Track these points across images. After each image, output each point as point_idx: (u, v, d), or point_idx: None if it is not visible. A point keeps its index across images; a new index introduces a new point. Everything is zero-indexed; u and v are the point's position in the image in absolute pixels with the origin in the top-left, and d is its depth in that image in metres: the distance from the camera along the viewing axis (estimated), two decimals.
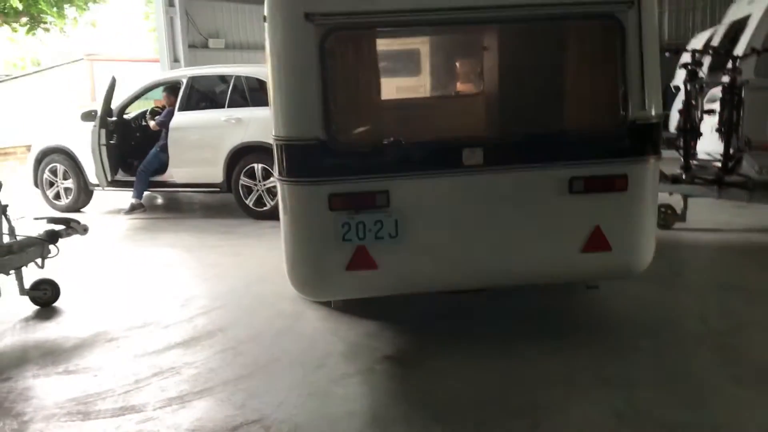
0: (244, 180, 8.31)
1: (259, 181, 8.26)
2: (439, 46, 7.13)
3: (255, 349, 4.33)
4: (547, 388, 3.65)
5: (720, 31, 9.97)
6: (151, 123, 9.12)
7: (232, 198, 8.64)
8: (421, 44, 7.21)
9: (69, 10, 21.74)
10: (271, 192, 8.20)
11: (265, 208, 8.30)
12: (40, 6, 19.42)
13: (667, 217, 6.95)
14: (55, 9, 20.41)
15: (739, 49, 7.98)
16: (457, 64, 7.01)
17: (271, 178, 8.06)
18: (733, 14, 9.81)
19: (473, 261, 4.07)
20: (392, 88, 7.08)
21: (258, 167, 8.21)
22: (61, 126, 10.31)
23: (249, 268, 6.22)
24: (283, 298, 5.20)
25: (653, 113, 3.99)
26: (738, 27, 8.97)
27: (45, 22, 21.32)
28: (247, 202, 8.38)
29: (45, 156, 9.47)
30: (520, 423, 3.32)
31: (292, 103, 3.84)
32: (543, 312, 4.80)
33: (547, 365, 3.93)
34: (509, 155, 3.98)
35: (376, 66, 4.16)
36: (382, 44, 6.42)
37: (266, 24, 3.89)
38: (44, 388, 3.90)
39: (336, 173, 3.87)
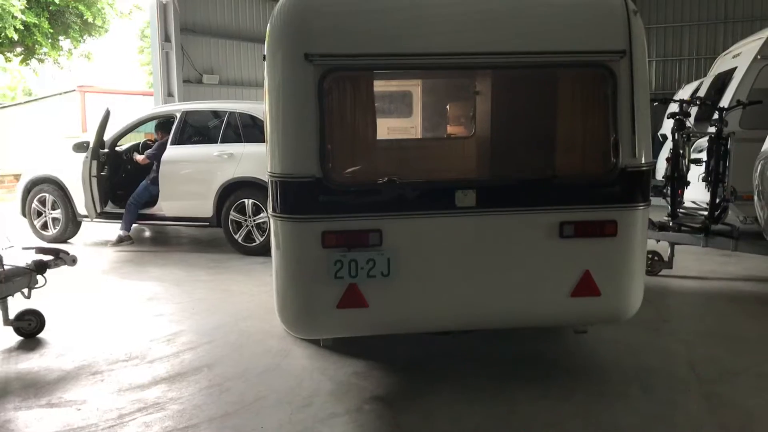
0: (234, 215, 8.32)
1: (249, 217, 8.27)
2: (433, 90, 7.25)
3: (242, 386, 4.29)
4: None
5: (706, 82, 10.19)
6: (139, 157, 9.14)
7: (221, 233, 8.63)
8: (416, 87, 7.33)
9: (64, 42, 21.91)
10: (261, 227, 8.21)
11: (254, 244, 8.30)
12: (35, 37, 19.55)
13: (654, 263, 7.01)
14: (50, 40, 20.55)
15: (725, 101, 8.16)
16: (451, 108, 7.12)
17: (262, 214, 8.07)
18: (719, 67, 10.05)
19: (463, 302, 4.07)
20: (388, 128, 7.17)
21: (248, 202, 8.23)
22: (51, 156, 10.31)
23: (237, 303, 6.19)
24: (271, 335, 5.17)
25: (643, 160, 4.05)
26: (724, 79, 9.18)
27: (39, 53, 21.45)
28: (236, 237, 8.37)
29: (34, 185, 9.45)
30: None
31: (289, 140, 3.88)
32: (532, 355, 4.80)
33: (536, 410, 3.92)
34: (501, 198, 4.03)
35: (372, 107, 4.22)
36: (379, 86, 6.54)
37: (266, 63, 3.95)
38: (25, 421, 3.83)
39: (330, 211, 3.89)
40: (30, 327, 5.22)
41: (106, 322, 5.71)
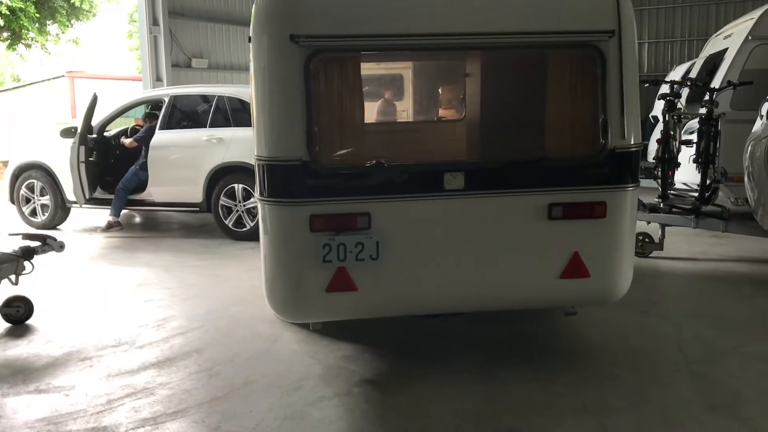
0: (224, 200, 8.28)
1: (239, 202, 8.23)
2: (422, 72, 7.21)
3: (231, 371, 4.28)
4: (524, 414, 3.64)
5: (698, 64, 10.17)
6: (126, 140, 9.06)
7: (211, 218, 8.60)
8: (405, 69, 7.29)
9: (51, 27, 21.67)
10: (251, 213, 8.17)
11: (244, 229, 8.27)
12: (21, 22, 19.33)
13: (645, 245, 7.02)
14: (37, 25, 20.33)
15: (716, 82, 8.14)
16: (440, 90, 7.08)
17: (252, 199, 8.03)
18: (710, 48, 10.02)
19: (453, 285, 4.07)
20: (376, 111, 7.14)
21: (238, 187, 8.19)
22: (40, 142, 10.22)
23: (227, 289, 6.17)
24: (260, 319, 5.16)
25: (632, 141, 4.04)
26: (715, 60, 9.15)
27: (26, 38, 21.22)
28: (226, 222, 8.34)
29: (22, 172, 9.37)
30: None
31: (276, 123, 3.84)
32: (521, 338, 4.81)
33: (525, 391, 3.93)
34: (490, 180, 4.01)
35: (360, 89, 4.18)
36: (367, 68, 6.49)
37: (251, 44, 3.91)
38: (14, 407, 3.82)
39: (318, 194, 3.86)
40: (18, 313, 5.19)
41: (95, 308, 5.69)
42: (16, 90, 27.84)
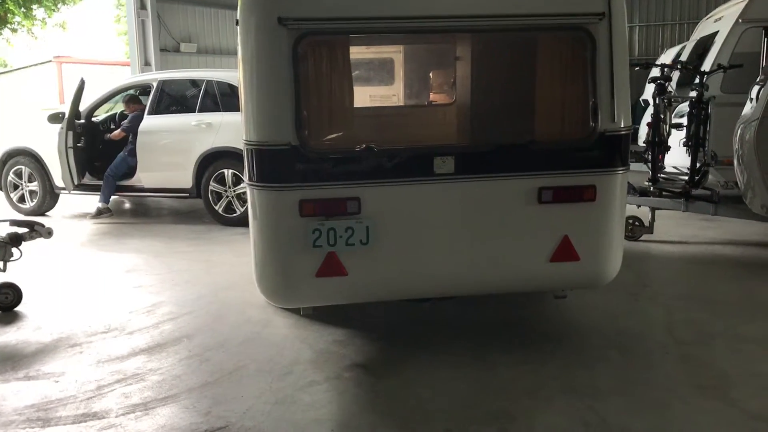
0: (213, 185, 8.24)
1: (229, 187, 8.19)
2: (412, 56, 7.17)
3: (221, 356, 4.27)
4: (514, 397, 3.66)
5: (688, 47, 10.16)
6: (113, 134, 8.97)
7: (201, 203, 8.56)
8: (395, 53, 7.24)
9: (38, 11, 21.44)
10: (241, 198, 8.13)
11: (234, 215, 8.23)
12: (7, 5, 19.10)
13: (635, 228, 7.04)
14: (23, 10, 20.10)
15: (707, 66, 8.14)
16: (431, 74, 7.05)
17: (242, 184, 7.99)
18: (701, 31, 10.01)
19: (443, 269, 4.06)
20: (365, 95, 7.10)
21: (228, 173, 8.15)
22: (27, 128, 10.13)
23: (217, 274, 6.15)
24: (251, 305, 5.15)
25: (622, 125, 4.03)
26: (706, 43, 9.15)
27: (12, 23, 20.98)
28: (216, 208, 8.30)
29: (10, 158, 9.29)
30: (487, 430, 3.31)
31: (264, 107, 3.81)
32: (511, 321, 4.82)
33: (515, 374, 3.94)
34: (480, 164, 4.00)
35: (349, 72, 4.14)
36: (357, 51, 6.44)
37: (239, 28, 3.87)
38: (3, 394, 3.80)
39: (307, 179, 3.84)
40: (7, 300, 5.16)
41: (84, 294, 5.66)
42: (3, 75, 27.55)
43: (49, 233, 5.40)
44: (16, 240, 5.16)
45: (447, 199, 3.97)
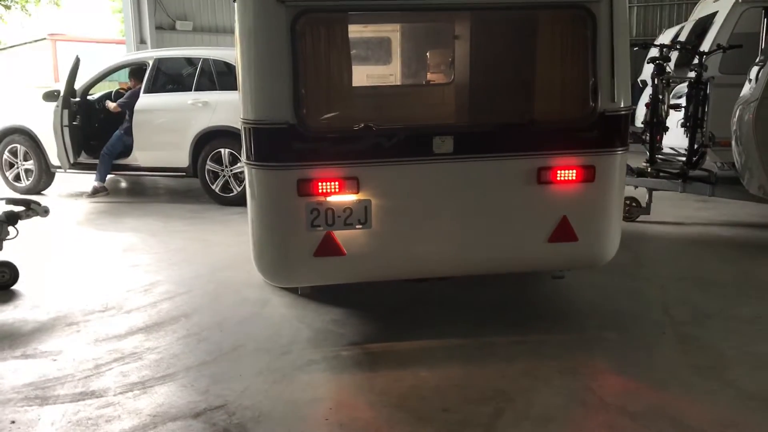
0: (210, 165, 8.21)
1: (226, 167, 8.16)
2: (411, 35, 7.12)
3: (219, 336, 4.28)
4: (512, 377, 3.67)
5: (687, 27, 10.11)
6: (111, 105, 8.93)
7: (197, 183, 8.53)
8: (393, 32, 7.19)
9: None
10: (238, 178, 8.11)
11: (231, 194, 8.21)
12: None
13: (632, 209, 7.04)
14: None
15: (706, 46, 8.10)
16: (429, 53, 7.00)
17: (239, 164, 7.96)
18: (700, 11, 9.95)
19: (441, 249, 4.06)
20: (364, 74, 7.05)
21: (225, 152, 8.11)
22: (23, 106, 10.05)
23: (215, 254, 6.14)
24: (249, 284, 5.15)
25: (622, 105, 4.01)
26: (705, 24, 9.10)
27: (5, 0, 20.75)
28: (213, 187, 8.27)
29: (5, 136, 9.23)
30: (484, 410, 3.32)
31: (262, 85, 3.78)
32: (509, 301, 4.83)
33: (513, 354, 3.95)
34: (479, 144, 3.98)
35: (348, 50, 4.11)
36: (355, 29, 6.39)
37: (236, 5, 3.82)
38: (1, 373, 3.79)
39: (305, 158, 3.82)
40: (3, 279, 5.14)
41: (81, 273, 5.65)
42: None
43: (45, 212, 5.38)
44: (12, 218, 5.14)
45: (446, 179, 3.95)
